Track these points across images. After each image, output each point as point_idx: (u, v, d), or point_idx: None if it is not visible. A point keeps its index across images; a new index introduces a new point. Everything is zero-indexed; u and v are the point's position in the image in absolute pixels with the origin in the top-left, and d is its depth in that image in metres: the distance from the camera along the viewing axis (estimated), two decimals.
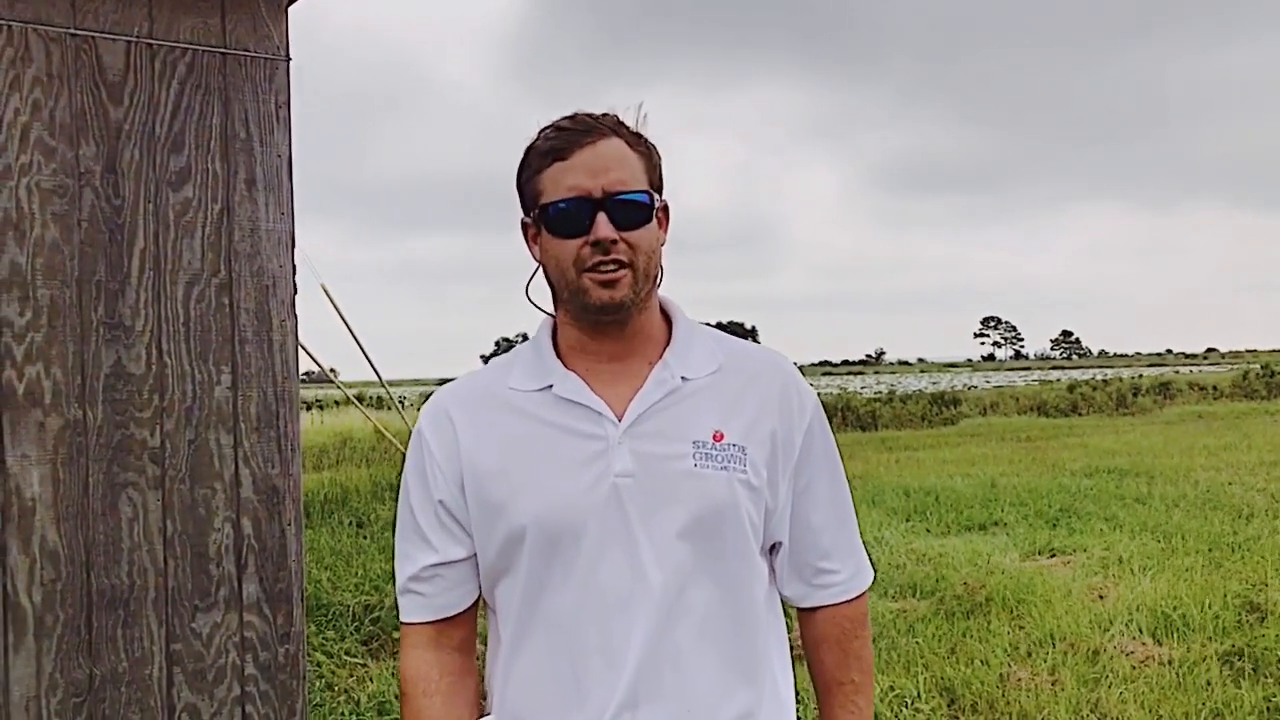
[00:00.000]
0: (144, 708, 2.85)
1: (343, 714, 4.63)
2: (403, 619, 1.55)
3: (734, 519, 1.45)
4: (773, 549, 1.57)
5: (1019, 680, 4.96)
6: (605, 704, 1.41)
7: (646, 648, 1.42)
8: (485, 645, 1.61)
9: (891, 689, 4.82)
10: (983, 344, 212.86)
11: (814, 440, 1.56)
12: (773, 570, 1.58)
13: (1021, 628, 5.88)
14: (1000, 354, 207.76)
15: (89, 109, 2.83)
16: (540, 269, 1.53)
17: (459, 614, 1.54)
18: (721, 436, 1.47)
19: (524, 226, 1.53)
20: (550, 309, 1.58)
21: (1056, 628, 5.75)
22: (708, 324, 1.65)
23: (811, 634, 1.62)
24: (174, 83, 2.93)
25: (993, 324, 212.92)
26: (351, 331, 8.63)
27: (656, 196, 1.49)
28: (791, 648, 1.62)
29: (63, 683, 2.77)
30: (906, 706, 4.60)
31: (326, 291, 8.78)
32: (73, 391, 2.79)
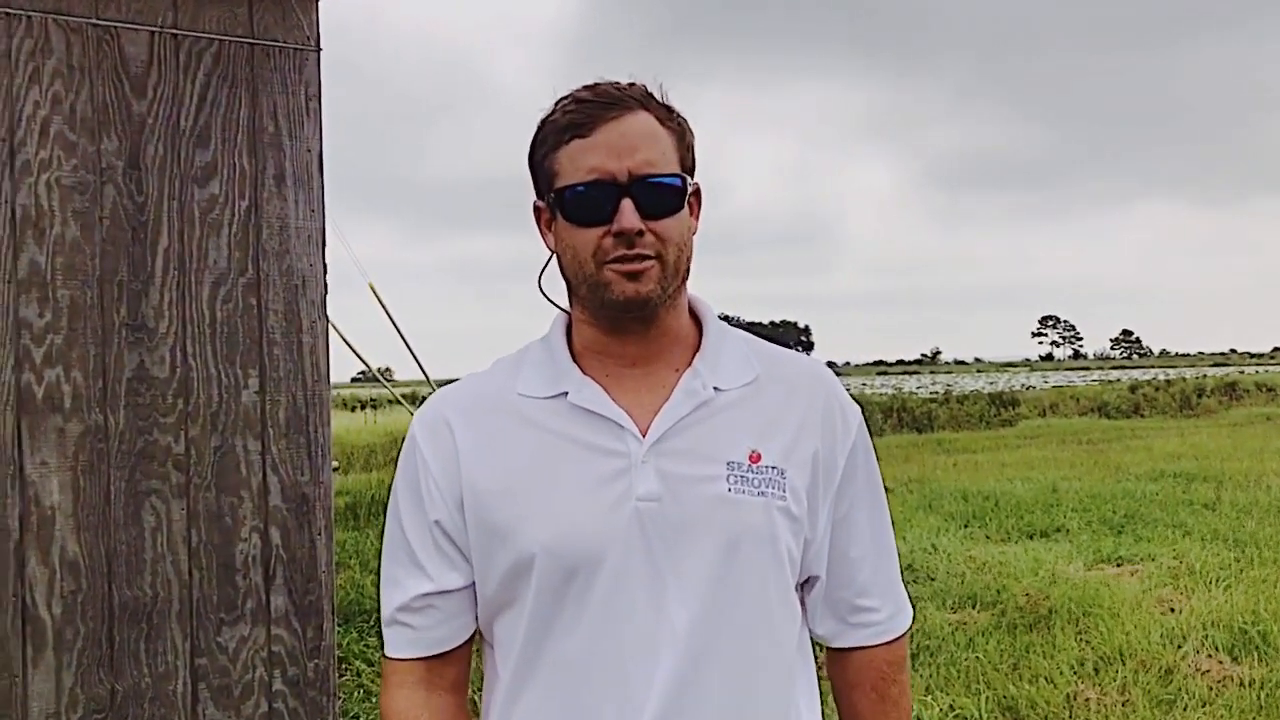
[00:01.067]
0: None
1: None
2: (388, 653, 1.37)
3: (771, 552, 1.28)
4: (805, 582, 1.39)
5: (1087, 700, 4.72)
6: None
7: (669, 697, 1.24)
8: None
9: (951, 708, 4.61)
10: (1041, 343, 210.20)
11: (857, 463, 1.38)
12: (804, 606, 1.40)
13: (1088, 643, 5.63)
14: (1059, 353, 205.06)
15: (111, 102, 2.72)
16: (554, 259, 1.34)
17: (453, 650, 1.35)
18: (758, 457, 1.29)
19: (536, 211, 1.35)
20: (565, 303, 1.39)
21: (1126, 643, 5.49)
22: (744, 324, 1.46)
23: (845, 677, 1.44)
24: (199, 74, 2.82)
25: (1051, 323, 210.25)
26: (398, 329, 8.58)
27: (689, 180, 1.30)
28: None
29: (83, 698, 2.67)
30: None
31: (374, 291, 8.74)
32: (94, 396, 2.68)
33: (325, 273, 2.97)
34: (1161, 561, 7.65)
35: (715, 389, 1.32)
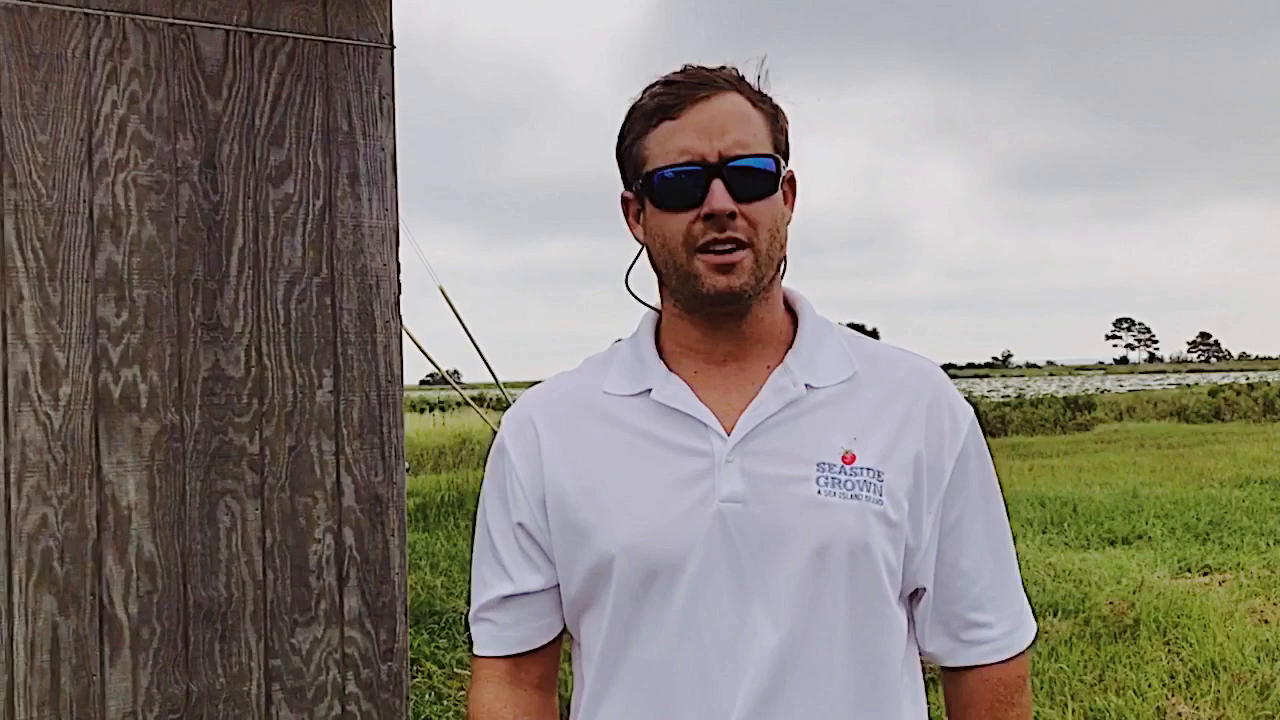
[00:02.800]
0: None
1: None
2: (475, 650, 1.35)
3: (866, 559, 1.20)
4: (913, 595, 1.30)
5: (1179, 714, 4.55)
6: None
7: (753, 710, 1.18)
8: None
9: (1036, 718, 4.46)
10: (1115, 346, 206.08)
11: (968, 467, 1.28)
12: (912, 621, 1.31)
13: (1178, 654, 5.44)
14: (1134, 356, 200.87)
15: (187, 101, 2.72)
16: (644, 252, 1.29)
17: (536, 649, 1.33)
18: (853, 458, 1.21)
19: (624, 202, 1.30)
20: (654, 301, 1.34)
21: (1218, 655, 5.29)
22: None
23: (958, 699, 1.33)
24: (274, 73, 2.81)
25: (1126, 325, 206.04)
26: (468, 333, 8.60)
27: (783, 164, 1.24)
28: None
29: (159, 698, 2.67)
30: None
31: (445, 294, 8.78)
32: (170, 395, 2.68)
33: (399, 272, 2.95)
34: (1251, 571, 7.39)
35: (807, 386, 1.25)
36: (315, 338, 2.83)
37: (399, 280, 2.95)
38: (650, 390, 1.26)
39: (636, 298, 1.36)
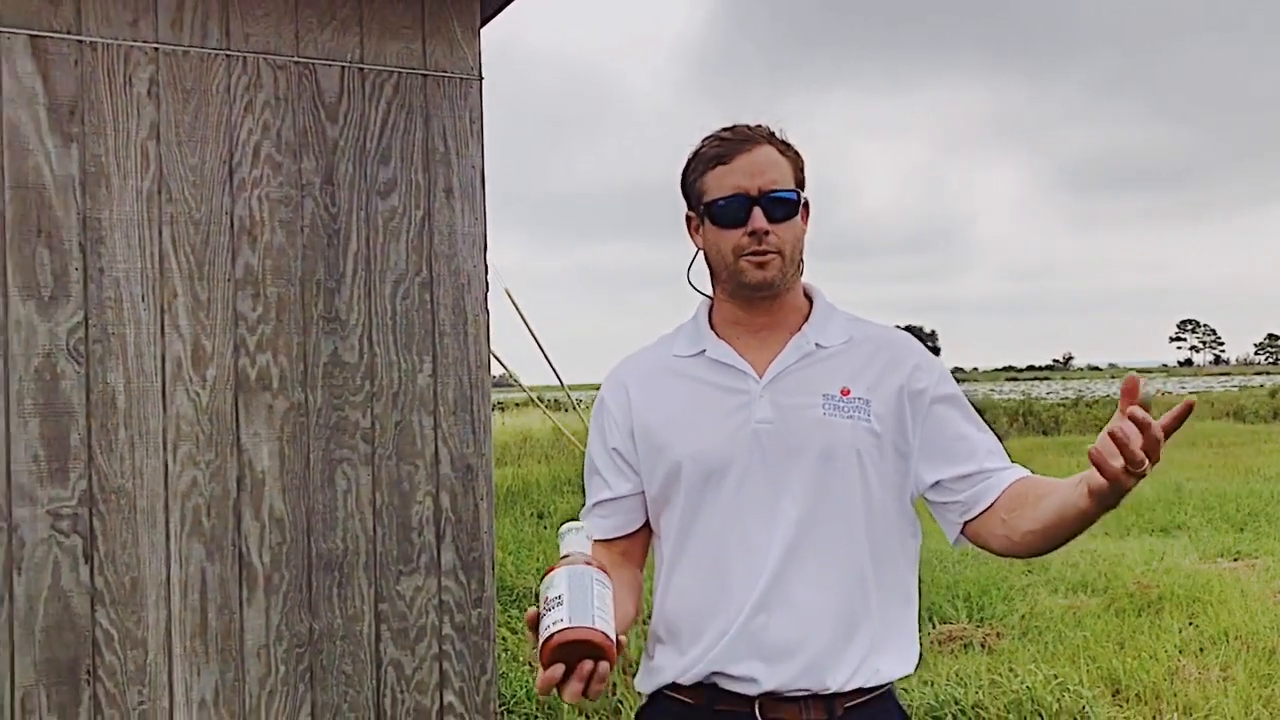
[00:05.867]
0: (355, 660, 3.18)
1: (526, 681, 4.98)
2: None
3: (856, 460, 1.70)
4: (938, 488, 1.74)
5: (1188, 674, 4.91)
6: (743, 605, 1.69)
7: (781, 561, 1.68)
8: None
9: (1055, 677, 4.82)
10: (1179, 348, 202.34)
11: (942, 388, 1.77)
12: (948, 506, 1.74)
13: (1195, 625, 5.77)
14: (1198, 359, 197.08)
15: (309, 127, 3.18)
16: (701, 255, 1.83)
17: (623, 535, 1.83)
18: (849, 391, 1.73)
19: (688, 219, 1.83)
20: (707, 292, 1.87)
21: (1231, 625, 5.62)
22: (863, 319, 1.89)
23: (996, 515, 1.69)
24: (382, 102, 3.27)
25: (1190, 327, 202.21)
26: (533, 334, 9.05)
27: (802, 194, 1.76)
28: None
29: (287, 634, 3.11)
30: (1068, 692, 4.58)
31: (510, 297, 9.23)
32: (297, 377, 3.14)
33: (486, 273, 3.42)
34: None
35: (817, 345, 1.77)
36: (417, 329, 3.29)
37: (486, 280, 3.42)
38: (705, 350, 1.80)
39: (695, 288, 1.89)
